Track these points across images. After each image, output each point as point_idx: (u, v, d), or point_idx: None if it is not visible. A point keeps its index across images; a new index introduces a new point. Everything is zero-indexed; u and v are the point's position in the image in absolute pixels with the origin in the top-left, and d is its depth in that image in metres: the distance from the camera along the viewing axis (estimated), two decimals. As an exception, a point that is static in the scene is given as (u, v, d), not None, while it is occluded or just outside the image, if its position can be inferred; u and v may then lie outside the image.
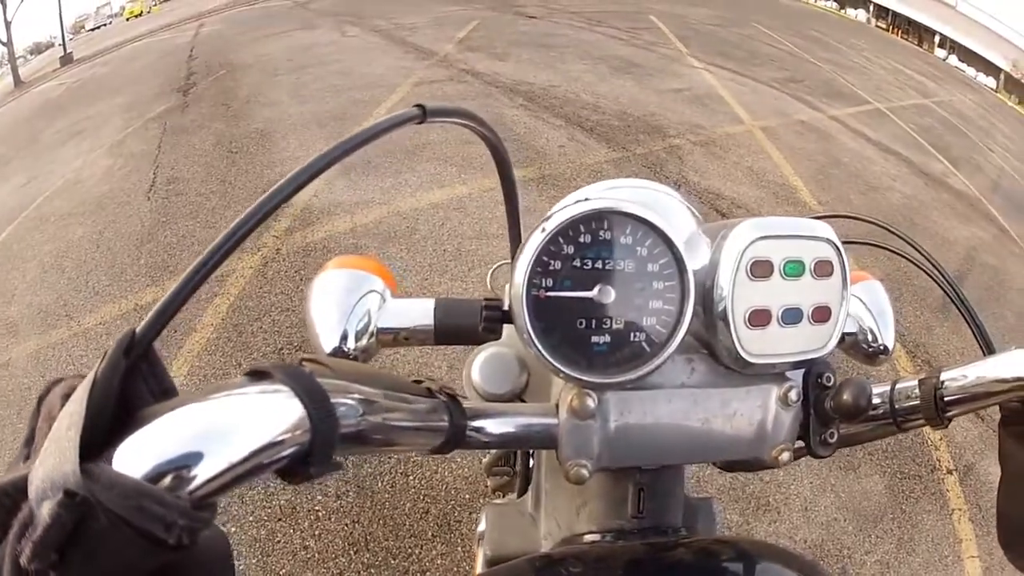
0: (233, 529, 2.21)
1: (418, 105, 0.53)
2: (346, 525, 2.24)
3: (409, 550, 2.17)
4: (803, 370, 0.59)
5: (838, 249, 0.56)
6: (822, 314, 0.56)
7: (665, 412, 0.57)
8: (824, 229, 0.56)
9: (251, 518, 2.25)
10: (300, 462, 0.35)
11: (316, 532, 2.22)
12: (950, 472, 2.91)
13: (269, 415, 0.34)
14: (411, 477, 2.39)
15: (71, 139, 6.52)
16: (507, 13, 11.57)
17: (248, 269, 3.61)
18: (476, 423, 0.53)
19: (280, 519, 2.25)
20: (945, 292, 0.77)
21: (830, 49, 14.19)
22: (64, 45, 17.21)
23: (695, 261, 0.55)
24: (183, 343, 3.08)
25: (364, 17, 11.04)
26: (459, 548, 2.18)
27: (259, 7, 15.23)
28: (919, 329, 3.91)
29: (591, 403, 0.54)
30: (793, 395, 0.57)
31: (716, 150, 5.89)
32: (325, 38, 9.50)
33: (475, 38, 9.28)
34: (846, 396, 0.55)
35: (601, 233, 0.52)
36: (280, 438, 0.33)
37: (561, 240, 0.51)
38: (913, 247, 0.78)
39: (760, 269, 0.54)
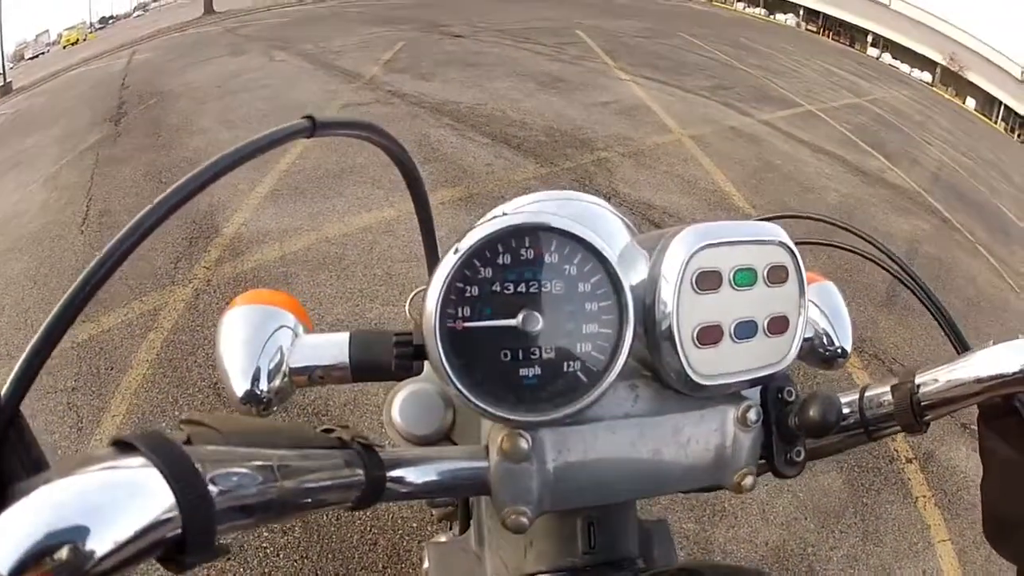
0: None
1: (307, 117, 0.44)
2: (295, 561, 2.10)
3: (361, 583, 2.05)
4: (760, 387, 0.52)
5: (792, 252, 0.49)
6: (779, 325, 0.49)
7: (609, 446, 0.48)
8: (776, 231, 0.49)
9: (198, 559, 2.09)
10: (176, 550, 0.28)
11: (266, 570, 2.07)
12: (909, 461, 2.90)
13: (132, 500, 0.27)
14: (356, 508, 2.26)
15: (10, 171, 6.13)
16: (433, 33, 11.38)
17: (180, 303, 3.40)
18: (396, 472, 0.45)
19: (229, 558, 2.09)
20: (912, 291, 0.70)
21: (759, 55, 14.41)
22: (4, 75, 16.28)
23: (632, 276, 0.47)
24: (119, 381, 2.87)
25: (291, 41, 10.70)
26: (410, 578, 2.07)
27: (190, 32, 14.71)
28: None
29: (524, 444, 0.45)
30: (752, 415, 0.50)
31: (646, 160, 5.84)
32: (253, 63, 9.15)
33: (401, 59, 9.07)
34: (812, 412, 0.49)
35: (522, 252, 0.44)
36: (146, 527, 0.27)
37: (477, 263, 0.43)
38: (874, 245, 0.71)
39: (707, 281, 0.46)
